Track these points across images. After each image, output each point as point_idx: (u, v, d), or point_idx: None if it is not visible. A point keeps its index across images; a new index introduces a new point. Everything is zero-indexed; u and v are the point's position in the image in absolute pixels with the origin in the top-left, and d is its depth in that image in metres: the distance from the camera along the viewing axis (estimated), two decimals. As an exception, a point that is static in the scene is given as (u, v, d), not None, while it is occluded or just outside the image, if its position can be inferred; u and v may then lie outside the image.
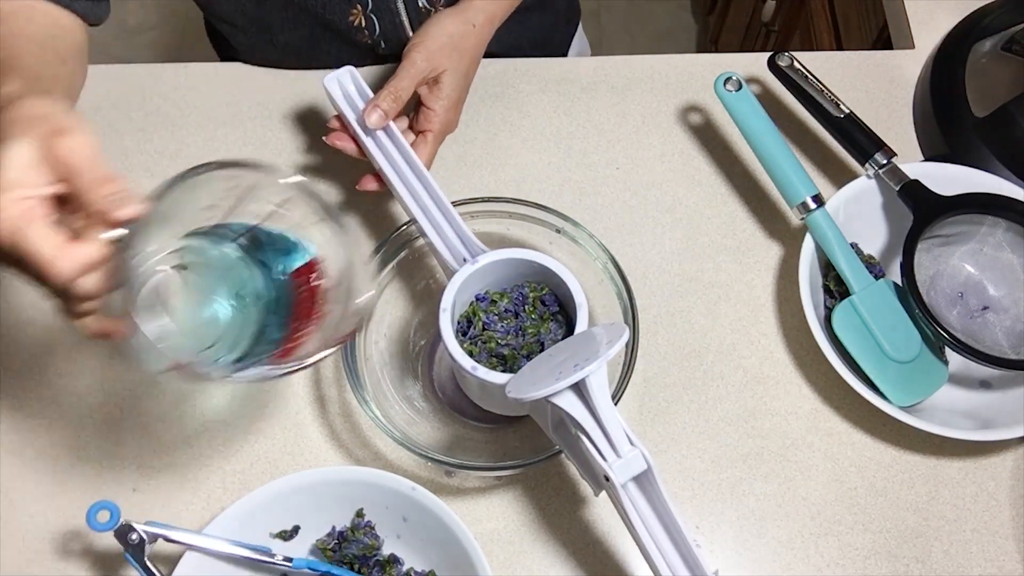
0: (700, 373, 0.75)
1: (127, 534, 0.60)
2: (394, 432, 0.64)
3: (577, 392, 0.55)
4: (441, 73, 0.72)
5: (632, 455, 0.54)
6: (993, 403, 0.72)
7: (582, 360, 0.54)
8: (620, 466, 0.54)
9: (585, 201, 0.82)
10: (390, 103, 0.69)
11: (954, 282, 0.74)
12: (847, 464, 0.72)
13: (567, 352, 0.58)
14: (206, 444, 0.73)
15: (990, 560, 0.69)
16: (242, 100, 0.86)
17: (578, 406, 0.55)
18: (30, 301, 0.78)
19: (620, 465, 0.54)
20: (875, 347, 0.72)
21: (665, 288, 0.79)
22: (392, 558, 0.66)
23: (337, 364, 0.75)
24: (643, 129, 0.86)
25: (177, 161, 0.84)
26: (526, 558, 0.69)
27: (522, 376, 0.59)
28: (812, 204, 0.73)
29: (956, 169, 0.76)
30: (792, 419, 0.74)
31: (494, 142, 0.85)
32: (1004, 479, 0.72)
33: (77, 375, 0.75)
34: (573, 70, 0.89)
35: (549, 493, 0.71)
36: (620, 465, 0.54)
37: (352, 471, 0.65)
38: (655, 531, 0.56)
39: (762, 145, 0.75)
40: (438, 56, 0.72)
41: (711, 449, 0.73)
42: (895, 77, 0.88)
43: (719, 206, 0.82)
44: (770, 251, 0.80)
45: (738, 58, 0.90)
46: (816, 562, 0.69)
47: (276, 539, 0.66)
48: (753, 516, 0.71)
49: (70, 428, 0.73)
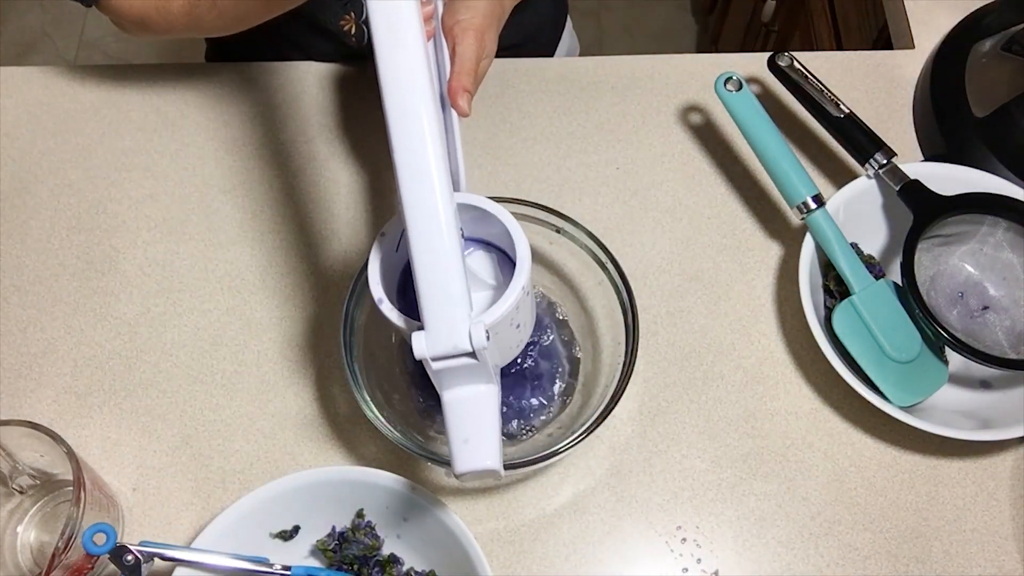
0: (700, 373, 0.75)
1: (122, 556, 0.59)
2: (394, 432, 0.64)
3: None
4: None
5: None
6: (993, 403, 0.72)
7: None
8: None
9: (585, 201, 0.82)
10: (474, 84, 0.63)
11: (954, 282, 0.74)
12: (847, 464, 0.72)
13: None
14: (206, 444, 0.73)
15: (990, 560, 0.69)
16: (242, 100, 0.86)
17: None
18: (31, 302, 0.78)
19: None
20: (875, 347, 0.72)
21: (665, 288, 0.79)
22: (392, 558, 0.66)
23: (337, 364, 0.75)
24: (643, 129, 0.86)
25: (177, 161, 0.84)
26: (526, 558, 0.69)
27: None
28: (812, 204, 0.73)
29: (956, 169, 0.76)
30: (792, 419, 0.74)
31: (494, 142, 0.85)
32: (1004, 479, 0.72)
33: (77, 375, 0.75)
34: (573, 70, 0.89)
35: (549, 493, 0.71)
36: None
37: (352, 471, 0.65)
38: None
39: (762, 145, 0.75)
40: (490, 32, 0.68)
41: (711, 449, 0.73)
42: (895, 77, 0.88)
43: (719, 206, 0.82)
44: (770, 251, 0.80)
45: (738, 58, 0.90)
46: (816, 562, 0.69)
47: (276, 539, 0.66)
48: (753, 516, 0.71)
49: (70, 428, 0.73)
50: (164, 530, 0.70)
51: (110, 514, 0.67)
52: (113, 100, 0.87)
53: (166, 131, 0.85)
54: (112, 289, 0.78)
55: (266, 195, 0.82)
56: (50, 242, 0.80)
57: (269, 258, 0.80)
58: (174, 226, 0.81)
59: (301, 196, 0.82)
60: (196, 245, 0.80)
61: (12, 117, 0.86)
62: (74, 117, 0.86)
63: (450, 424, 0.53)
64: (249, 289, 0.78)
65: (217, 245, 0.80)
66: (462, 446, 0.52)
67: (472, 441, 0.52)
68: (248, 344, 0.76)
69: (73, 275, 0.79)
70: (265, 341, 0.76)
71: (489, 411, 0.53)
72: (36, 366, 0.75)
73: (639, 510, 0.71)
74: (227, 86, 0.87)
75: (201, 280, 0.79)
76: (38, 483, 0.69)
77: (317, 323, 0.77)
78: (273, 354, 0.76)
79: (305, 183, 0.83)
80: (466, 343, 0.50)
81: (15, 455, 0.66)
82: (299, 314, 0.77)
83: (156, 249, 0.80)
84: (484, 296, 0.62)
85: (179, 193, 0.82)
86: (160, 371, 0.75)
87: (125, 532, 0.70)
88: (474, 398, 0.53)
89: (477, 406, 0.53)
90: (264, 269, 0.79)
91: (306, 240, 0.80)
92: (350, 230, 0.80)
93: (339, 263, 0.79)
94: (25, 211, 0.82)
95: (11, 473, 0.67)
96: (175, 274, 0.79)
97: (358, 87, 0.87)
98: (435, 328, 0.51)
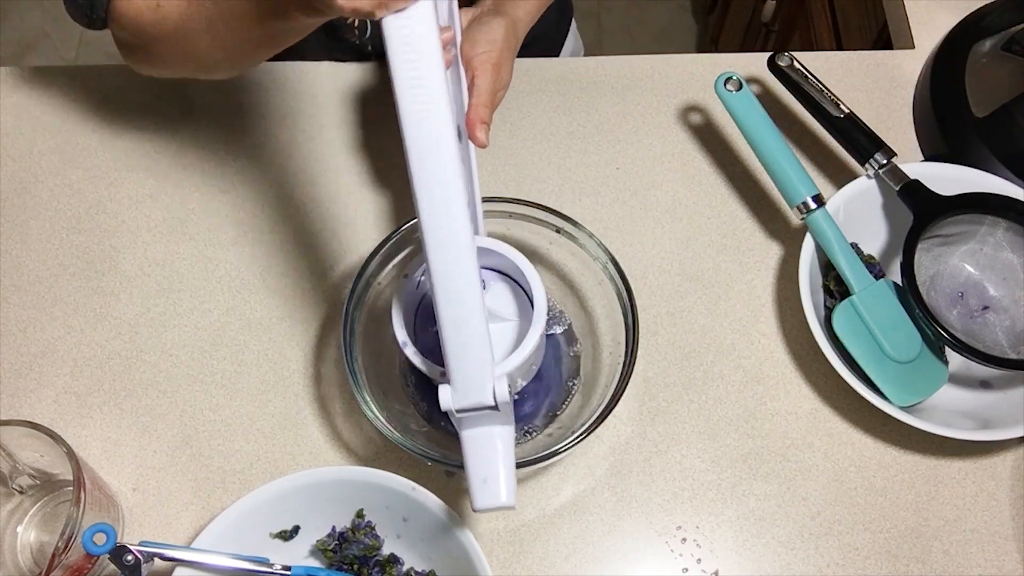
0: (700, 373, 0.75)
1: (122, 556, 0.59)
2: (394, 432, 0.64)
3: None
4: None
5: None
6: (993, 403, 0.72)
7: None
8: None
9: (585, 201, 0.82)
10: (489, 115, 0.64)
11: (954, 282, 0.74)
12: (847, 464, 0.72)
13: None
14: (206, 444, 0.73)
15: (990, 560, 0.69)
16: (242, 99, 0.86)
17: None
18: (31, 302, 0.78)
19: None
20: (875, 347, 0.72)
21: (665, 288, 0.79)
22: (392, 558, 0.66)
23: (337, 364, 0.75)
24: (643, 129, 0.86)
25: (177, 160, 0.84)
26: (526, 558, 0.69)
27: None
28: (812, 204, 0.73)
29: (956, 169, 0.76)
30: (792, 419, 0.74)
31: (494, 142, 0.84)
32: (1004, 479, 0.72)
33: (77, 375, 0.75)
34: (573, 70, 0.89)
35: (549, 493, 0.71)
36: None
37: (352, 471, 0.65)
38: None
39: (762, 145, 0.75)
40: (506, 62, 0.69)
41: (711, 449, 0.73)
42: (895, 77, 0.88)
43: (719, 206, 0.82)
44: (770, 251, 0.80)
45: (738, 58, 0.90)
46: (816, 562, 0.69)
47: (276, 539, 0.66)
48: (753, 516, 0.71)
49: (70, 428, 0.73)
50: (164, 530, 0.70)
51: (110, 514, 0.67)
52: (113, 100, 0.87)
53: (166, 131, 0.85)
54: (112, 289, 0.78)
55: (266, 195, 0.82)
56: (50, 242, 0.80)
57: (269, 258, 0.80)
58: (174, 226, 0.81)
59: (301, 196, 0.82)
60: (196, 245, 0.80)
61: (12, 117, 0.86)
62: (74, 117, 0.86)
63: (469, 464, 0.57)
64: (249, 289, 0.78)
65: (217, 245, 0.80)
66: (481, 485, 0.56)
67: (490, 481, 0.56)
68: (248, 344, 0.76)
69: (73, 275, 0.79)
70: (265, 341, 0.76)
71: (505, 451, 0.56)
72: (36, 366, 0.75)
73: (639, 510, 0.71)
74: (227, 86, 0.87)
75: (201, 280, 0.79)
76: (38, 483, 0.69)
77: (317, 323, 0.77)
78: (273, 354, 0.76)
79: (305, 183, 0.83)
80: (490, 398, 0.54)
81: (15, 455, 0.66)
82: (299, 314, 0.77)
83: (156, 249, 0.80)
84: (500, 329, 0.65)
85: (179, 193, 0.82)
86: (160, 371, 0.75)
87: (125, 532, 0.70)
88: (491, 438, 0.56)
89: (494, 447, 0.56)
90: (264, 269, 0.79)
91: (306, 240, 0.80)
92: (350, 230, 0.80)
93: (339, 263, 0.79)
94: (25, 211, 0.82)
95: (11, 473, 0.67)
96: (175, 274, 0.79)
97: (358, 86, 0.87)
98: (460, 383, 0.54)
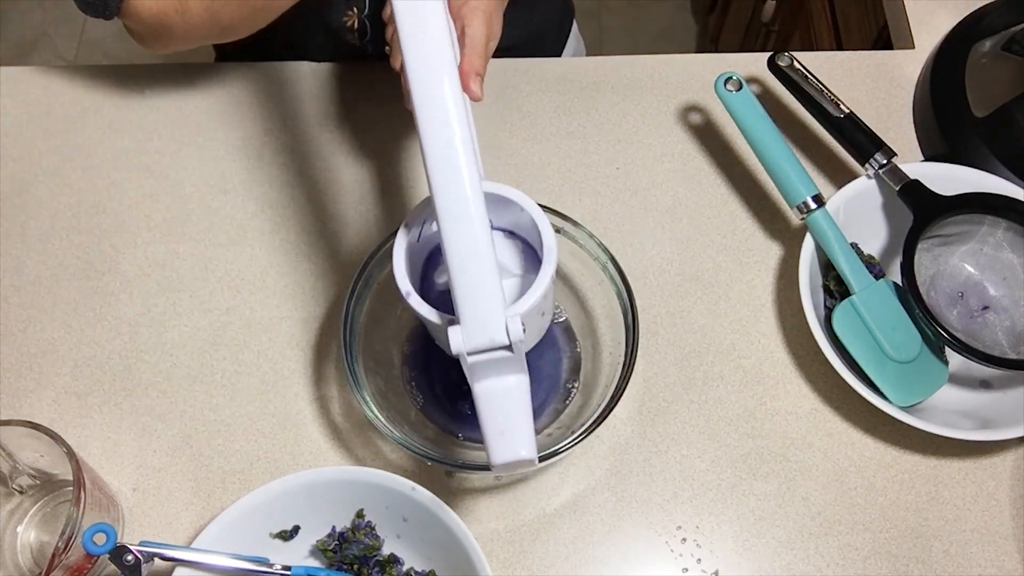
0: (700, 373, 0.75)
1: (122, 556, 0.59)
2: (394, 432, 0.64)
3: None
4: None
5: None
6: (993, 403, 0.72)
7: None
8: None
9: (585, 201, 0.82)
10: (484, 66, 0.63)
11: (954, 282, 0.74)
12: (847, 464, 0.72)
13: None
14: (206, 444, 0.73)
15: (990, 560, 0.69)
16: (242, 100, 0.86)
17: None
18: (31, 302, 0.78)
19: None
20: (875, 347, 0.72)
21: (665, 288, 0.79)
22: (392, 558, 0.66)
23: (337, 364, 0.75)
24: (643, 129, 0.86)
25: (177, 161, 0.84)
26: (526, 558, 0.69)
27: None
28: (812, 204, 0.73)
29: (956, 169, 0.76)
30: (792, 419, 0.74)
31: (494, 142, 0.85)
32: (1004, 479, 0.72)
33: (77, 375, 0.75)
34: (573, 70, 0.89)
35: (549, 493, 0.71)
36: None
37: (352, 471, 0.65)
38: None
39: (762, 145, 0.75)
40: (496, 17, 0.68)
41: (711, 449, 0.73)
42: (895, 77, 0.88)
43: (719, 206, 0.82)
44: (770, 251, 0.80)
45: (738, 58, 0.90)
46: (816, 562, 0.69)
47: (276, 539, 0.66)
48: (753, 516, 0.71)
49: (70, 428, 0.73)
50: (164, 530, 0.70)
51: (110, 514, 0.67)
52: (113, 100, 0.87)
53: (166, 131, 0.85)
54: (112, 289, 0.78)
55: (266, 195, 0.82)
56: (50, 242, 0.80)
57: (269, 258, 0.80)
58: (174, 226, 0.81)
59: (301, 196, 0.82)
60: (196, 245, 0.80)
61: (12, 117, 0.86)
62: (74, 117, 0.86)
63: (484, 417, 0.53)
64: (249, 289, 0.78)
65: (217, 245, 0.80)
66: (498, 438, 0.52)
67: (508, 433, 0.52)
68: (248, 344, 0.76)
69: (73, 275, 0.79)
70: (265, 341, 0.76)
71: (522, 401, 0.53)
72: (36, 366, 0.75)
73: (639, 510, 0.71)
74: (227, 86, 0.87)
75: (201, 280, 0.79)
76: (38, 483, 0.69)
77: (317, 323, 0.77)
78: (273, 354, 0.76)
79: (305, 183, 0.83)
80: (503, 336, 0.50)
81: (15, 455, 0.66)
82: (299, 314, 0.77)
83: (156, 249, 0.80)
84: (508, 284, 0.61)
85: (179, 193, 0.82)
86: (160, 371, 0.75)
87: (125, 532, 0.70)
88: (506, 389, 0.53)
89: (510, 397, 0.53)
90: (264, 269, 0.79)
91: (306, 240, 0.80)
92: (351, 230, 0.80)
93: (339, 263, 0.79)
94: (25, 211, 0.82)
95: (11, 473, 0.67)
96: (175, 274, 0.79)
97: (358, 87, 0.87)
98: (471, 322, 0.51)
